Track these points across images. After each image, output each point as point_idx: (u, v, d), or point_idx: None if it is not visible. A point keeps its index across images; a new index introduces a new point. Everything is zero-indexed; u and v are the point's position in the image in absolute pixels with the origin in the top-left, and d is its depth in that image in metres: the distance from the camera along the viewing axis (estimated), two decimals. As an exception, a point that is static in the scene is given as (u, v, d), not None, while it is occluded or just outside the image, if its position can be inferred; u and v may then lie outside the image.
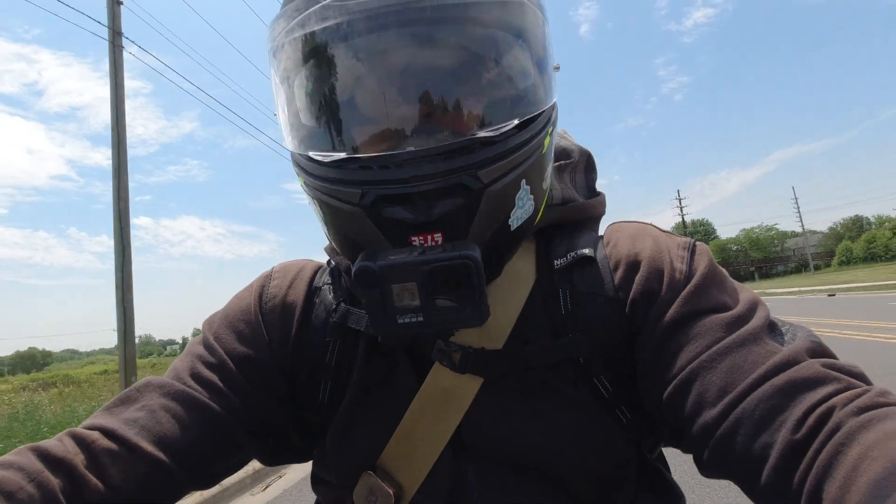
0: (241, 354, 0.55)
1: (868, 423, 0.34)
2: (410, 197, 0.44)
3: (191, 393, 0.51)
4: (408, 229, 0.45)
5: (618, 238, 0.56)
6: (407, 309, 0.42)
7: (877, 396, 0.37)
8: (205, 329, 0.59)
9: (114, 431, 0.47)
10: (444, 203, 0.44)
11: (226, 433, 0.52)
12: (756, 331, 0.44)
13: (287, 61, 0.50)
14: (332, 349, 0.55)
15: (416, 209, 0.44)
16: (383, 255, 0.42)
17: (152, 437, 0.48)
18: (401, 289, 0.41)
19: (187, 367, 0.54)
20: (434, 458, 0.52)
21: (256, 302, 0.59)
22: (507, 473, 0.52)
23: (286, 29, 0.48)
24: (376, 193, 0.44)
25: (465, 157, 0.45)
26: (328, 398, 0.56)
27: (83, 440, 0.46)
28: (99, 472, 0.44)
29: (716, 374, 0.43)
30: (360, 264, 0.41)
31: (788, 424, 0.38)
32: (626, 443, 0.53)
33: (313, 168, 0.49)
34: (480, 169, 0.45)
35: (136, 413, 0.49)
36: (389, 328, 0.43)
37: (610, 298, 0.51)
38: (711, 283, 0.49)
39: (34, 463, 0.42)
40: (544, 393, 0.51)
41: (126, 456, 0.46)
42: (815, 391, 0.39)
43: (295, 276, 0.61)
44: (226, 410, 0.52)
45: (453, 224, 0.45)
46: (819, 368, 0.40)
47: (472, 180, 0.44)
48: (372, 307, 0.42)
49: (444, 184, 0.44)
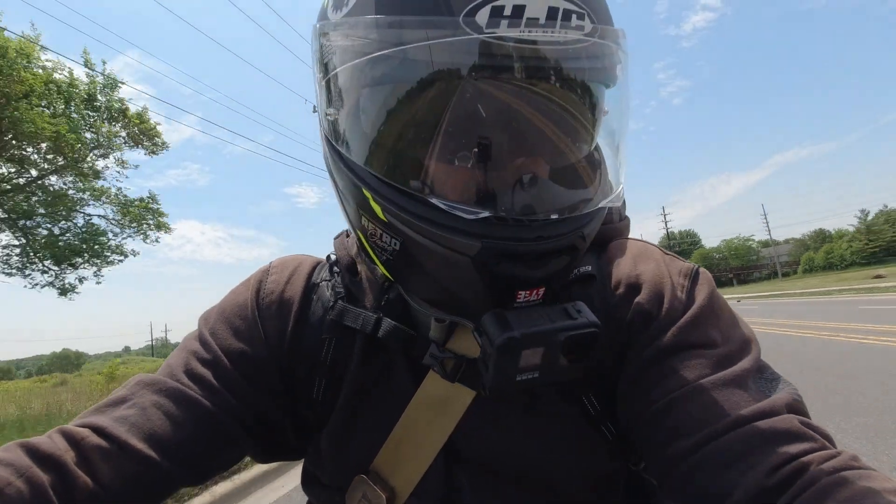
0: (237, 350, 0.55)
1: (843, 482, 0.36)
2: (528, 255, 0.43)
3: (183, 390, 0.51)
4: (517, 285, 0.44)
5: (621, 258, 0.56)
6: (527, 369, 0.42)
7: (850, 460, 0.38)
8: (200, 324, 0.58)
9: (104, 429, 0.46)
10: (556, 261, 0.45)
11: (218, 430, 0.51)
12: (742, 374, 0.45)
13: (407, 77, 0.43)
14: (328, 347, 0.55)
15: (529, 266, 0.44)
16: (516, 322, 0.42)
17: (143, 434, 0.47)
18: (531, 353, 0.42)
19: (181, 363, 0.54)
20: (427, 464, 0.52)
21: (253, 297, 0.58)
22: (499, 481, 0.52)
23: (420, 44, 0.42)
24: (498, 250, 0.42)
25: (579, 218, 0.46)
26: (323, 396, 0.56)
27: (73, 437, 0.45)
28: (89, 470, 0.44)
29: (695, 406, 0.44)
30: (507, 335, 0.41)
31: (761, 468, 0.39)
32: (612, 457, 0.54)
33: (423, 210, 0.44)
34: (585, 229, 0.46)
35: (126, 411, 0.49)
36: (507, 386, 0.42)
37: (607, 317, 0.52)
38: (707, 317, 0.50)
39: (23, 459, 0.42)
40: (535, 406, 0.52)
41: (116, 453, 0.46)
42: (792, 445, 0.40)
43: (293, 271, 0.61)
44: (219, 407, 0.51)
45: (557, 281, 0.46)
46: (797, 424, 0.41)
47: (580, 241, 0.45)
48: (500, 371, 0.42)
49: (562, 244, 0.44)
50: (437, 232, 0.43)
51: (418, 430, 0.52)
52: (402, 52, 0.42)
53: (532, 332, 0.41)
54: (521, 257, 0.43)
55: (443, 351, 0.52)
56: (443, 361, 0.51)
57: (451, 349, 0.52)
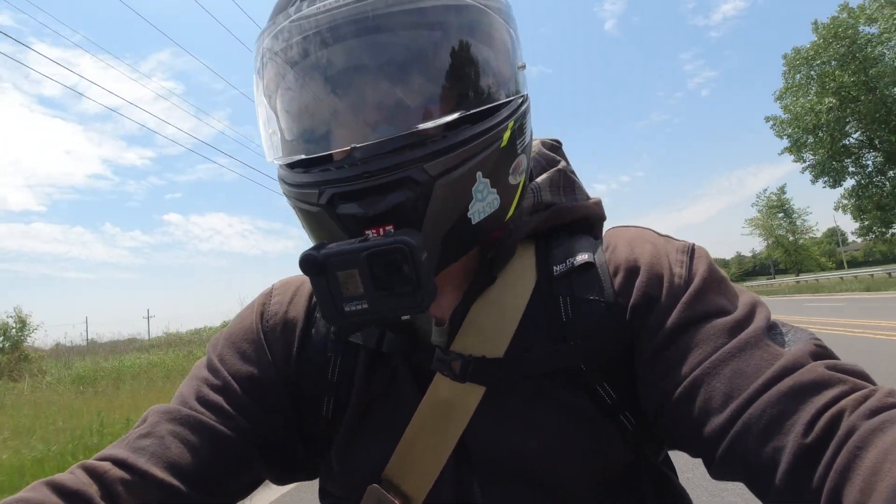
0: (246, 374, 0.56)
1: (881, 426, 0.34)
2: (362, 193, 0.46)
3: (197, 417, 0.52)
4: (363, 223, 0.46)
5: (616, 243, 0.56)
6: (352, 297, 0.43)
7: (885, 397, 0.37)
8: (209, 351, 0.60)
9: (125, 461, 0.48)
10: (393, 196, 0.46)
11: (235, 454, 0.52)
12: (758, 334, 0.45)
13: (256, 79, 0.55)
14: (334, 364, 0.56)
15: (366, 204, 0.46)
16: (329, 246, 0.44)
17: (163, 463, 0.48)
18: (346, 277, 0.43)
19: (193, 391, 0.55)
20: (439, 468, 0.52)
21: (258, 320, 0.60)
22: (512, 482, 0.51)
23: (255, 53, 0.54)
24: (332, 192, 0.47)
25: (413, 151, 0.46)
26: (332, 413, 0.56)
27: (95, 471, 0.47)
28: (114, 502, 0.45)
29: (720, 380, 0.43)
30: (305, 253, 0.43)
31: (798, 428, 0.38)
32: (630, 448, 0.52)
33: (285, 175, 0.52)
34: (428, 162, 0.46)
35: (144, 441, 0.50)
36: (338, 317, 0.44)
37: (610, 304, 0.51)
38: (711, 288, 0.49)
39: (50, 497, 0.43)
40: (546, 401, 0.51)
41: (139, 484, 0.47)
42: (821, 394, 0.39)
43: (295, 292, 0.62)
44: (233, 431, 0.52)
45: (404, 216, 0.46)
46: (823, 371, 0.40)
47: (419, 173, 0.46)
48: (322, 298, 0.44)
49: (392, 178, 0.45)
50: (292, 189, 0.51)
51: (428, 435, 0.52)
52: (254, 59, 0.54)
53: (331, 252, 0.43)
54: (359, 196, 0.46)
55: (448, 354, 0.52)
56: (450, 364, 0.51)
57: (455, 351, 0.52)
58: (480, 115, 0.50)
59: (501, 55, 0.53)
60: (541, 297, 0.54)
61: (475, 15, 0.51)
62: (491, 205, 0.51)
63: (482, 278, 0.55)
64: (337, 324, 0.45)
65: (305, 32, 0.49)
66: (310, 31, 0.49)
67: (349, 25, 0.48)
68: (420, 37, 0.49)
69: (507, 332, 0.52)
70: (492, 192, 0.51)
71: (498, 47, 0.53)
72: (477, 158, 0.48)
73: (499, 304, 0.54)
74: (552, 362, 0.51)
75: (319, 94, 0.51)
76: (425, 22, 0.49)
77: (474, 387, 0.52)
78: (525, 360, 0.51)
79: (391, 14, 0.47)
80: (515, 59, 0.55)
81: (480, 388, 0.52)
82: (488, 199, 0.50)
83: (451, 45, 0.49)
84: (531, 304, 0.54)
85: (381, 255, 0.42)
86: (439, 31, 0.49)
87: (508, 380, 0.51)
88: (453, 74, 0.49)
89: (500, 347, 0.52)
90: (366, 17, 0.47)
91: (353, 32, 0.48)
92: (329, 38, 0.48)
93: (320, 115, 0.51)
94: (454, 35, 0.50)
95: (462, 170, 0.48)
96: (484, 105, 0.50)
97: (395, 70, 0.49)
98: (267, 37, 0.51)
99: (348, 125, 0.49)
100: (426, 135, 0.47)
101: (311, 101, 0.51)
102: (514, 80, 0.54)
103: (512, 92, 0.53)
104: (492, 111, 0.51)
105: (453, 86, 0.49)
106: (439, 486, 0.52)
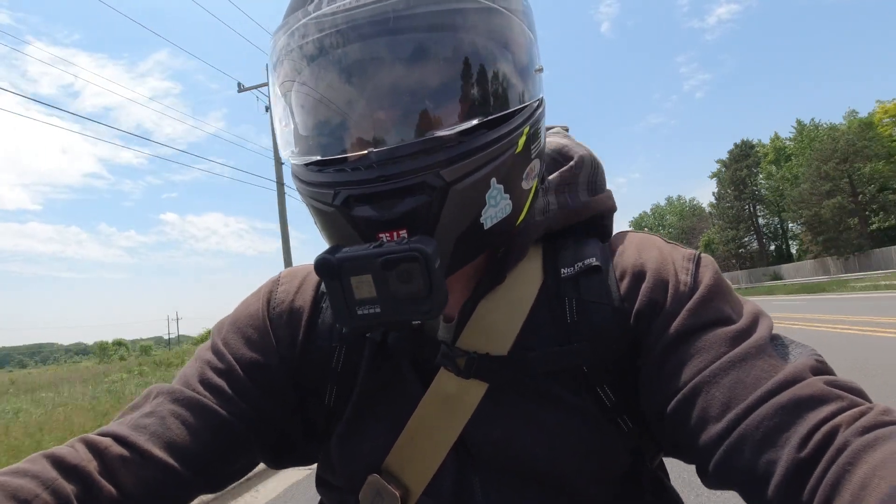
0: (249, 359, 0.56)
1: (873, 442, 0.35)
2: (377, 196, 0.46)
3: (199, 399, 0.52)
4: (376, 227, 0.46)
5: (624, 248, 0.56)
6: (365, 301, 0.43)
7: (880, 415, 0.37)
8: (214, 334, 0.60)
9: (125, 438, 0.48)
10: (408, 201, 0.46)
11: (234, 437, 0.53)
12: (759, 344, 0.45)
13: (272, 76, 0.55)
14: (339, 354, 0.56)
15: (381, 207, 0.46)
16: (344, 250, 0.44)
17: (163, 442, 0.49)
18: (359, 282, 0.43)
19: (196, 373, 0.55)
20: (439, 460, 0.52)
21: (264, 307, 0.60)
22: (511, 477, 0.52)
23: (271, 49, 0.54)
24: (347, 193, 0.47)
25: (430, 156, 0.46)
26: (334, 403, 0.56)
27: (96, 447, 0.47)
28: (112, 479, 0.45)
29: (720, 389, 0.43)
30: (320, 257, 0.43)
31: (793, 442, 0.38)
32: (627, 451, 0.53)
33: (300, 172, 0.52)
34: (444, 168, 0.46)
35: (146, 420, 0.50)
36: (350, 320, 0.44)
37: (615, 308, 0.52)
38: (715, 296, 0.50)
39: (49, 470, 0.43)
40: (547, 400, 0.52)
41: (138, 462, 0.47)
42: (818, 409, 0.39)
43: (302, 280, 0.62)
44: (234, 415, 0.53)
45: (418, 221, 0.46)
46: (822, 386, 0.40)
47: (435, 179, 0.46)
48: (335, 301, 0.44)
49: (408, 183, 0.45)
50: (308, 188, 0.51)
51: (429, 427, 0.53)
52: (271, 56, 0.54)
53: (346, 256, 0.43)
54: (374, 199, 0.46)
55: (453, 349, 0.52)
56: (455, 360, 0.52)
57: (460, 347, 0.53)
58: (497, 121, 0.49)
59: (521, 59, 0.52)
60: (547, 297, 0.55)
61: (497, 18, 0.50)
62: (503, 210, 0.51)
63: (492, 277, 0.55)
64: (348, 326, 0.45)
65: (324, 31, 0.48)
66: (329, 29, 0.48)
67: (369, 26, 0.47)
68: (441, 39, 0.49)
69: (513, 331, 0.53)
70: (505, 198, 0.50)
71: (518, 51, 0.52)
72: (492, 164, 0.48)
73: (505, 303, 0.54)
74: (555, 362, 0.52)
75: (337, 94, 0.50)
76: (446, 24, 0.48)
77: (477, 383, 0.52)
78: (529, 359, 0.52)
79: (413, 16, 0.47)
80: (533, 62, 0.54)
81: (483, 385, 0.52)
82: (501, 205, 0.50)
83: (471, 49, 0.49)
84: (537, 304, 0.54)
85: (395, 262, 0.42)
86: (460, 35, 0.49)
87: (511, 378, 0.52)
88: (473, 79, 0.49)
89: (505, 345, 0.53)
90: (386, 18, 0.47)
91: (373, 33, 0.48)
92: (348, 37, 0.48)
93: (337, 115, 0.51)
94: (475, 39, 0.49)
95: (477, 176, 0.47)
96: (501, 111, 0.49)
97: (415, 73, 0.48)
98: (284, 34, 0.51)
99: (365, 127, 0.49)
100: (443, 140, 0.47)
101: (328, 100, 0.51)
102: (531, 84, 0.53)
103: (529, 96, 0.53)
104: (508, 116, 0.50)
105: (472, 90, 0.49)
106: (438, 479, 0.52)
